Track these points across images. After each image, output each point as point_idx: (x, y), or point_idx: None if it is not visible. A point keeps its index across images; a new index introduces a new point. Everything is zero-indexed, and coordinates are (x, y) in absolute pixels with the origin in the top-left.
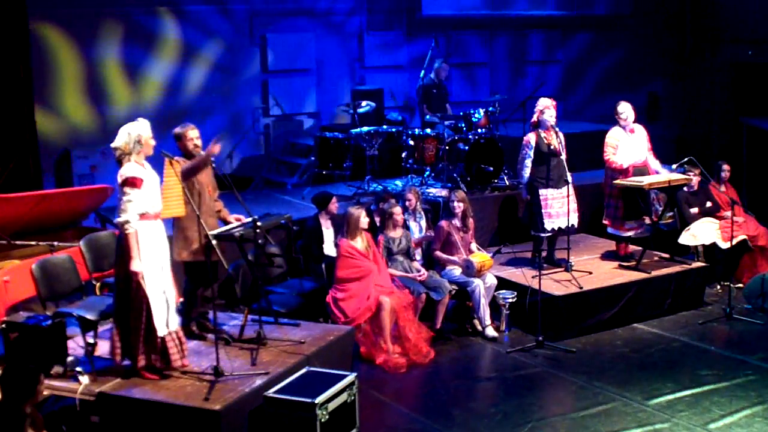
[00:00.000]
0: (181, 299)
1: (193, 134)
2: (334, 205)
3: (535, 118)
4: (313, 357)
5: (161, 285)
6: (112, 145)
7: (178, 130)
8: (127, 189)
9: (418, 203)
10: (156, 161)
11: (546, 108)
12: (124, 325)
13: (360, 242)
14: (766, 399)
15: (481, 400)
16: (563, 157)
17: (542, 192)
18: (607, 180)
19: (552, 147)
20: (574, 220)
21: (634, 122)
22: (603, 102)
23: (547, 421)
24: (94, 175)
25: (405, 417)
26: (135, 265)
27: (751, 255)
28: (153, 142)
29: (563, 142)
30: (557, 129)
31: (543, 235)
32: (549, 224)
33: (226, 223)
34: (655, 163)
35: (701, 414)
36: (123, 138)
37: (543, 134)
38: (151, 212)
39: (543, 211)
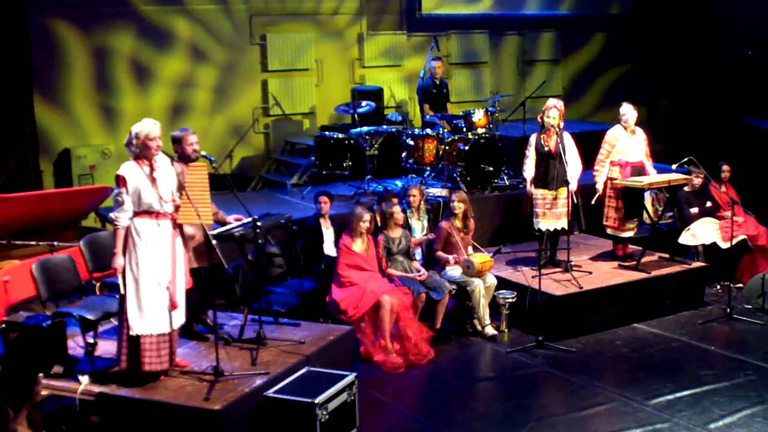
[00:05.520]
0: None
1: (192, 139)
2: (320, 204)
3: (539, 118)
4: (313, 357)
5: (154, 284)
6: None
7: (177, 134)
8: (116, 187)
9: (422, 202)
10: None
11: (547, 109)
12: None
13: (360, 242)
14: (766, 399)
15: (481, 400)
16: (566, 159)
17: (536, 192)
18: (606, 181)
19: (548, 149)
20: (564, 224)
21: (635, 125)
22: (603, 102)
23: (547, 421)
24: (94, 175)
25: (405, 417)
26: (115, 261)
27: (751, 255)
28: (154, 144)
29: (564, 145)
30: (558, 131)
31: (537, 234)
32: (540, 225)
33: (223, 224)
34: (650, 170)
35: (701, 414)
36: (127, 137)
37: (543, 136)
38: (152, 210)
39: (535, 210)
